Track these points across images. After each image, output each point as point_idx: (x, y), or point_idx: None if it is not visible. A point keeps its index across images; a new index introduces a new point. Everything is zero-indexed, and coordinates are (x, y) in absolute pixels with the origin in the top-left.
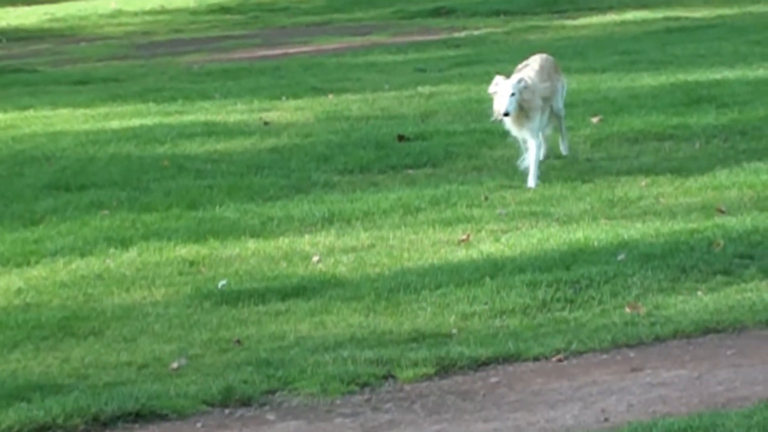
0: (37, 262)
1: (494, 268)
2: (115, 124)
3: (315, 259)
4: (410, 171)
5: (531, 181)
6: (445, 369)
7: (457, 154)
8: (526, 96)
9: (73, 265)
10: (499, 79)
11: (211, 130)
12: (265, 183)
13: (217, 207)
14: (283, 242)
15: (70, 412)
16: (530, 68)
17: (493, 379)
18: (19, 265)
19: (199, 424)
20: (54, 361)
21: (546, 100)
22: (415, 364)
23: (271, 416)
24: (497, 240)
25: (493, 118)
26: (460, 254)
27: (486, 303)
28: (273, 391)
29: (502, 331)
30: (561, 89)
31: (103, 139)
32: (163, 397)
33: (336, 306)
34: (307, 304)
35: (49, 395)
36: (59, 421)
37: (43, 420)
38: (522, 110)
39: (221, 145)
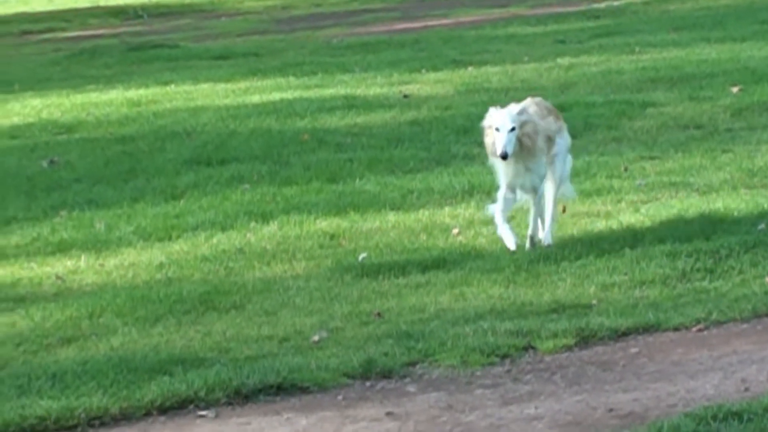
0: (178, 237)
1: (634, 239)
2: (255, 98)
3: (455, 231)
4: None
5: (547, 236)
6: (585, 340)
7: (597, 125)
8: (527, 130)
9: (215, 240)
10: (492, 110)
11: (350, 104)
12: (405, 156)
13: (357, 180)
14: (423, 215)
15: (211, 385)
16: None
17: (633, 350)
18: (161, 240)
19: (339, 397)
20: (196, 334)
21: (547, 143)
22: (555, 335)
23: (411, 388)
24: (637, 211)
25: (489, 162)
26: (600, 225)
27: (626, 273)
28: (413, 363)
29: (642, 301)
30: (563, 144)
31: (243, 114)
32: (304, 370)
33: (476, 278)
34: (447, 276)
35: (191, 369)
36: (201, 394)
37: (185, 393)
38: (523, 150)
39: (361, 119)
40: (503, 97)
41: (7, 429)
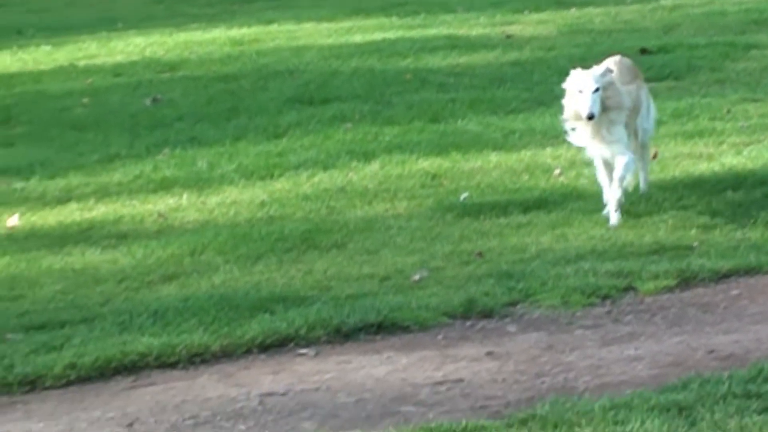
0: (280, 175)
1: (735, 181)
2: (358, 38)
3: (556, 171)
4: (652, 84)
5: (612, 217)
6: (686, 281)
7: (700, 67)
8: (610, 93)
9: (316, 178)
10: (575, 72)
11: (453, 44)
12: (507, 96)
13: (460, 120)
14: (525, 155)
15: (312, 323)
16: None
17: (734, 292)
18: (262, 178)
19: (440, 336)
20: (297, 273)
21: (630, 111)
22: (656, 277)
23: (512, 328)
24: (739, 153)
25: (569, 128)
26: (702, 167)
27: (727, 215)
28: (514, 303)
29: (743, 243)
30: (646, 103)
31: (346, 53)
32: (405, 309)
33: (577, 218)
34: (549, 216)
35: (292, 307)
36: (302, 332)
37: (285, 331)
38: (605, 114)
39: (463, 59)
40: (606, 38)
41: (108, 365)
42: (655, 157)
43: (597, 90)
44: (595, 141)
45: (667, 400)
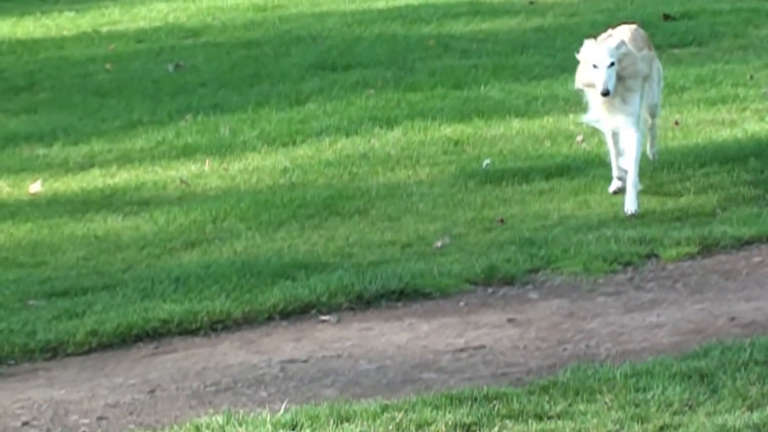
0: (302, 142)
1: (758, 147)
2: (380, 3)
3: (579, 138)
4: (675, 50)
5: (629, 205)
6: (708, 248)
7: (723, 33)
8: (626, 64)
9: (339, 145)
10: (589, 43)
11: (476, 10)
12: (530, 62)
13: (482, 86)
14: (548, 121)
15: (334, 290)
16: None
17: (756, 259)
18: (285, 145)
19: (462, 303)
20: (319, 239)
21: (644, 79)
22: (678, 243)
23: (533, 295)
24: (762, 119)
25: (577, 87)
26: (725, 133)
27: (750, 182)
28: (536, 270)
29: (765, 210)
30: (657, 74)
31: (368, 19)
32: (427, 276)
33: (599, 185)
34: (571, 183)
35: (314, 273)
36: (323, 299)
37: (307, 298)
38: (620, 83)
39: (486, 25)
40: (629, 4)
41: (130, 332)
42: (677, 123)
43: (612, 64)
44: (607, 110)
45: (689, 367)
